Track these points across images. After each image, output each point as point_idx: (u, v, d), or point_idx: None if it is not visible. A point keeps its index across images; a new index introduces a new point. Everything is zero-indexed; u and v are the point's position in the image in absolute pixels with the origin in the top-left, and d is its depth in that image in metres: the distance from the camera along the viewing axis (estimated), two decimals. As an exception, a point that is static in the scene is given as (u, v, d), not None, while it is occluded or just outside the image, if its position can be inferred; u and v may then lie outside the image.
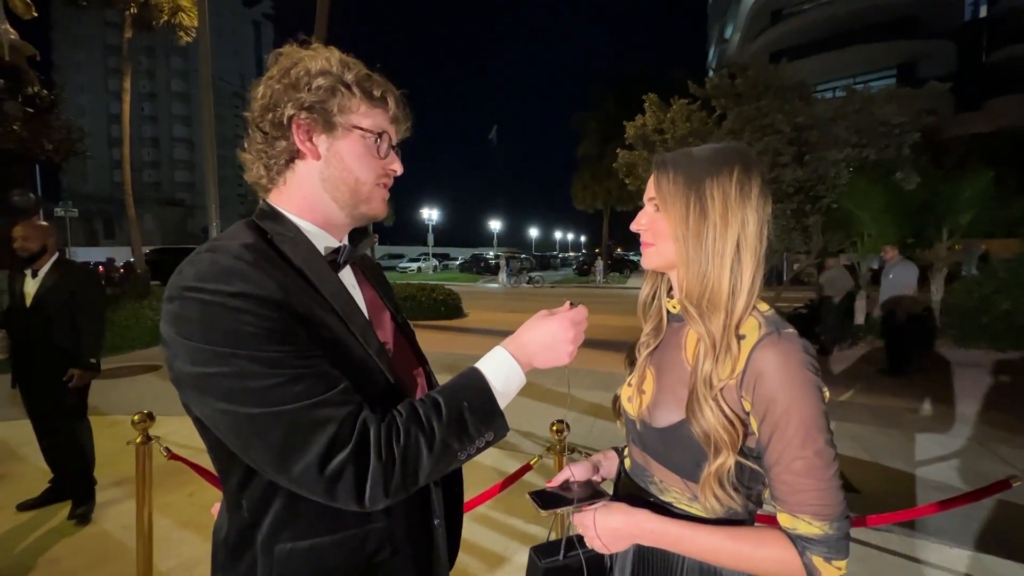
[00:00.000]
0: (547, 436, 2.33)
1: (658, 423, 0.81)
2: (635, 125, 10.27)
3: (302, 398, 0.62)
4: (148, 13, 14.49)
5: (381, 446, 0.63)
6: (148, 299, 9.98)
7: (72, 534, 2.61)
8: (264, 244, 0.72)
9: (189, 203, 66.40)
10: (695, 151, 0.80)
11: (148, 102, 65.02)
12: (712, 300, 0.76)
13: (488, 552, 2.49)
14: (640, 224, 0.86)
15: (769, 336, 0.72)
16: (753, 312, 0.76)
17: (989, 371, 6.38)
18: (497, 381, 0.74)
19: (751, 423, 0.73)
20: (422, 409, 0.68)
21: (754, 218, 0.75)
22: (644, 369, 0.89)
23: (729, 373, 0.73)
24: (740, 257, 0.75)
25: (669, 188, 0.78)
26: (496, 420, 0.72)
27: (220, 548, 0.77)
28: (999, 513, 2.83)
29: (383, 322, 0.87)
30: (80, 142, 9.46)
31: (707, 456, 0.74)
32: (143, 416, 2.04)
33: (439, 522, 0.83)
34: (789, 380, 0.69)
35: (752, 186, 0.76)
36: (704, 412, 0.73)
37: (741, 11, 30.23)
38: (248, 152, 0.78)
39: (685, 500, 0.80)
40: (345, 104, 0.76)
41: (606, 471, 1.00)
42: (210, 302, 0.62)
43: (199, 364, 0.62)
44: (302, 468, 0.61)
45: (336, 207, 0.79)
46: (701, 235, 0.75)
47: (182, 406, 0.69)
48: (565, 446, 1.99)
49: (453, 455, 0.68)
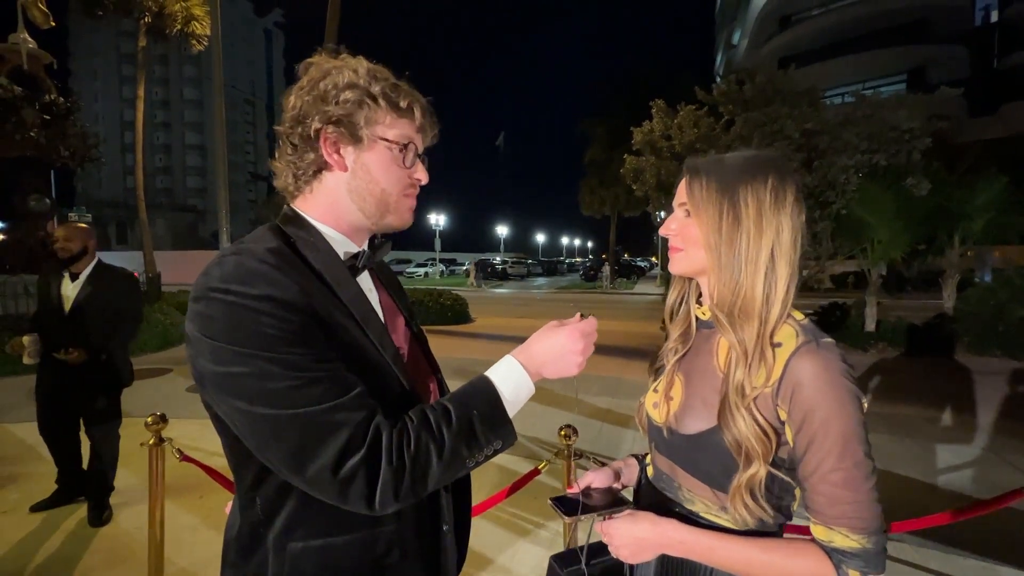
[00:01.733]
0: (554, 441, 2.32)
1: (687, 430, 0.79)
2: (642, 131, 10.29)
3: (318, 401, 0.63)
4: (162, 22, 14.75)
5: (392, 452, 0.64)
6: (159, 303, 10.09)
7: (85, 534, 2.64)
8: (287, 248, 0.74)
9: (200, 208, 67.21)
10: (727, 158, 0.80)
11: (161, 109, 66.08)
12: (745, 308, 0.75)
13: (495, 555, 2.48)
14: (670, 229, 0.84)
15: (807, 345, 0.71)
16: (788, 320, 0.75)
17: (1005, 380, 6.27)
18: (506, 390, 0.74)
19: (785, 433, 0.72)
20: (433, 416, 0.69)
21: (789, 225, 0.74)
22: (672, 376, 0.87)
23: (764, 381, 0.72)
24: (775, 265, 0.74)
25: (702, 194, 0.77)
26: (505, 428, 0.73)
27: (231, 545, 0.78)
28: (1014, 523, 2.78)
29: (397, 328, 0.89)
30: (95, 148, 9.62)
31: (737, 465, 0.72)
32: (156, 418, 2.06)
33: (448, 528, 0.83)
34: (828, 390, 0.67)
35: (787, 194, 0.75)
36: (736, 420, 0.71)
37: (749, 17, 30.22)
38: (279, 161, 0.81)
39: (713, 510, 0.78)
40: (372, 116, 0.77)
41: (626, 479, 0.98)
42: (234, 303, 0.64)
43: (221, 363, 0.64)
44: (316, 470, 0.63)
45: (362, 216, 0.80)
46: (734, 242, 0.74)
47: (195, 409, 0.71)
48: (573, 451, 1.99)
49: (462, 462, 0.69)
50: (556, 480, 3.13)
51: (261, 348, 0.63)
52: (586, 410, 4.91)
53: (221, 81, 6.25)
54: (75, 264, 2.72)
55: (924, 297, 12.11)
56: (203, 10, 14.50)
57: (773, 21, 27.44)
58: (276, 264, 0.68)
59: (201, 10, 14.64)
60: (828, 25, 24.79)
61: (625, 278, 32.59)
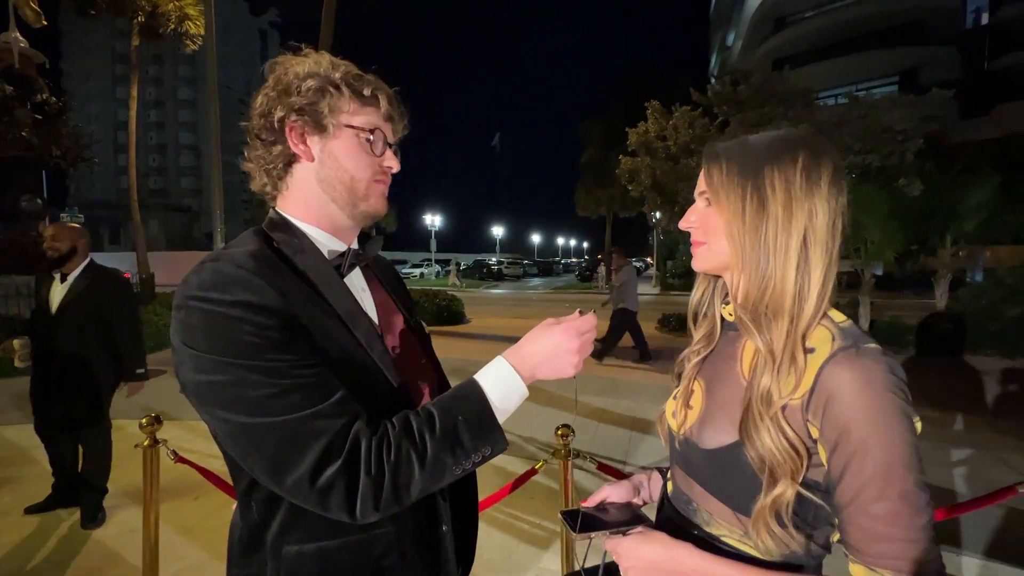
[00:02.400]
0: (551, 441, 2.32)
1: (706, 444, 0.71)
2: (637, 132, 10.33)
3: (297, 409, 0.62)
4: (155, 22, 14.68)
5: (372, 461, 0.63)
6: (153, 304, 10.02)
7: (79, 538, 2.62)
8: (269, 251, 0.74)
9: (195, 209, 66.82)
10: (751, 139, 0.72)
11: (155, 109, 65.66)
12: (774, 304, 0.66)
13: (492, 556, 2.48)
14: (689, 221, 0.77)
15: (845, 351, 0.61)
16: (824, 321, 0.66)
17: (997, 378, 6.33)
18: (495, 394, 0.71)
19: (819, 452, 0.63)
20: (416, 422, 0.67)
21: (824, 209, 0.66)
22: (692, 382, 0.80)
23: (792, 389, 0.63)
24: (807, 254, 0.65)
25: (722, 179, 0.70)
26: (493, 435, 0.70)
27: (235, 546, 0.79)
28: (1008, 520, 2.80)
29: (394, 326, 0.88)
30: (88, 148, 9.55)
31: (760, 484, 0.64)
32: (151, 419, 2.05)
33: (447, 529, 0.82)
34: (869, 404, 0.58)
35: (821, 173, 0.66)
36: (760, 434, 0.63)
37: (743, 19, 30.36)
38: (250, 161, 0.80)
39: (736, 535, 0.69)
40: (335, 104, 0.76)
41: (648, 494, 0.91)
42: (211, 311, 0.64)
43: (201, 372, 0.64)
44: (294, 480, 0.62)
45: (336, 207, 0.80)
46: (759, 230, 0.66)
47: (190, 411, 0.71)
48: (570, 450, 1.99)
49: (446, 469, 0.67)
50: (553, 481, 3.13)
51: (239, 356, 0.62)
52: (582, 410, 4.92)
53: (216, 81, 6.22)
54: (65, 265, 2.65)
55: (917, 297, 12.21)
56: (197, 9, 14.44)
57: (767, 23, 27.56)
58: (254, 269, 0.68)
59: (195, 9, 14.58)
60: (822, 27, 24.93)
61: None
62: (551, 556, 2.48)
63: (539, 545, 2.60)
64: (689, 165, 9.16)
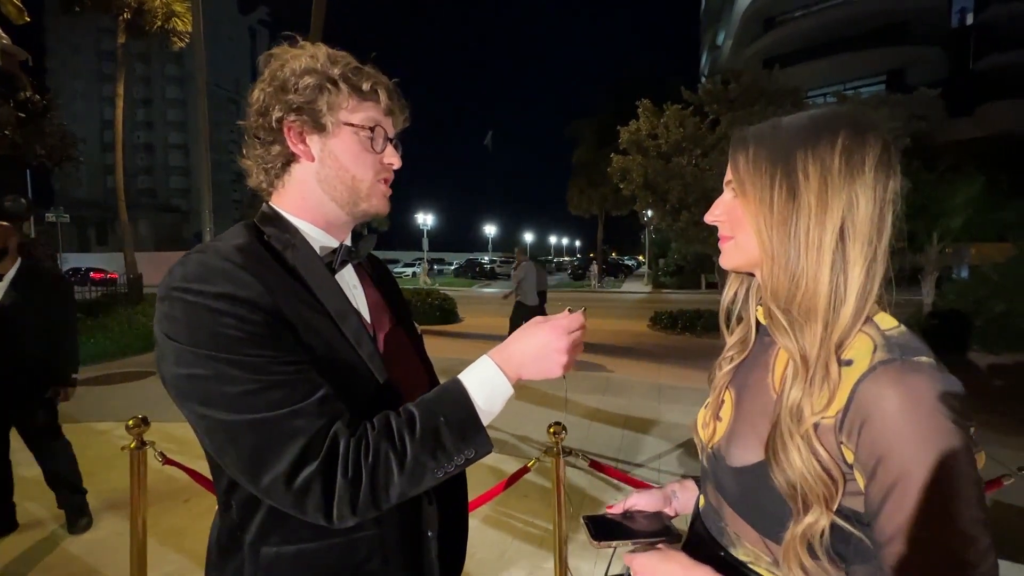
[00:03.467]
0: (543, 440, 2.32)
1: (733, 461, 0.64)
2: (629, 130, 10.34)
3: (276, 407, 0.61)
4: (142, 19, 14.45)
5: (349, 463, 0.61)
6: (141, 304, 9.91)
7: (65, 543, 2.58)
8: (258, 245, 0.72)
9: (184, 209, 66.11)
10: (785, 120, 0.64)
11: (143, 108, 64.85)
12: (806, 305, 0.58)
13: (485, 555, 2.48)
14: (715, 214, 0.70)
15: (888, 365, 0.52)
16: (867, 327, 0.57)
17: (983, 374, 6.43)
18: (480, 395, 0.69)
19: (856, 479, 0.55)
20: (396, 423, 0.65)
21: (868, 197, 0.58)
22: (722, 391, 0.73)
23: (824, 406, 0.55)
24: (844, 249, 0.58)
25: (748, 167, 0.63)
26: (477, 437, 0.68)
27: (213, 548, 0.77)
28: (999, 514, 2.84)
29: (385, 325, 0.86)
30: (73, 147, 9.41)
31: (793, 511, 0.56)
32: (138, 421, 2.02)
33: (432, 535, 0.80)
34: (914, 428, 0.49)
35: (866, 156, 0.58)
36: (790, 454, 0.55)
37: (733, 18, 30.54)
38: (248, 159, 0.79)
39: (763, 565, 0.62)
40: (334, 101, 0.74)
41: (681, 505, 0.83)
42: (193, 303, 0.63)
43: (181, 365, 0.62)
44: (271, 479, 0.60)
45: (336, 207, 0.78)
46: (789, 222, 0.59)
47: (178, 412, 0.69)
48: (562, 448, 1.99)
49: (427, 472, 0.65)
50: (546, 479, 3.13)
51: (220, 349, 0.61)
52: (575, 409, 4.92)
53: (205, 80, 6.15)
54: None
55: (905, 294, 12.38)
56: (184, 6, 14.25)
57: (757, 22, 27.75)
58: (240, 262, 0.66)
59: (182, 6, 14.38)
60: (810, 27, 25.15)
61: (612, 277, 32.77)
62: (544, 554, 2.48)
63: (532, 543, 2.60)
64: (680, 163, 9.19)
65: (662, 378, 6.28)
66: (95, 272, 22.85)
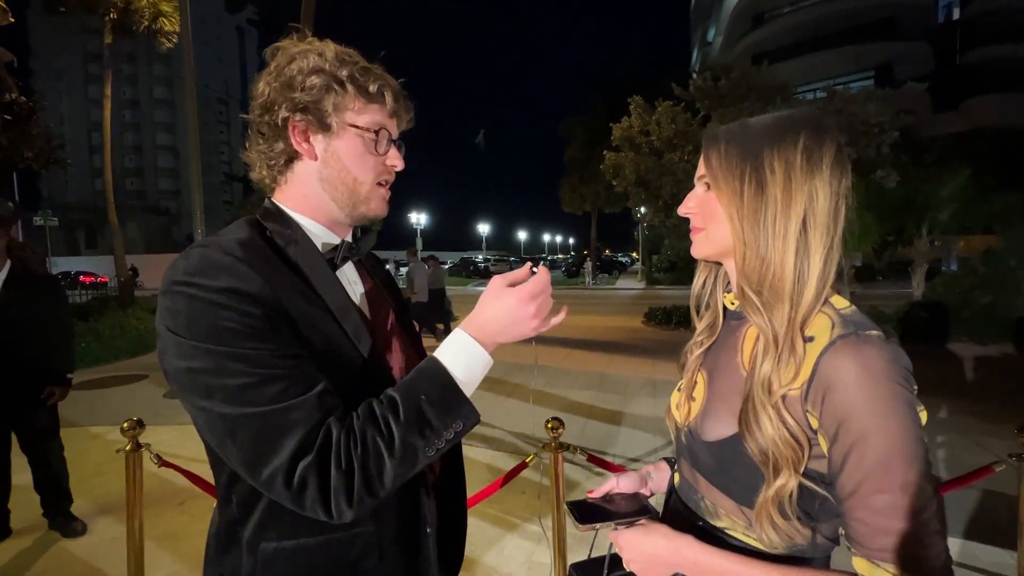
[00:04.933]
0: (540, 436, 2.34)
1: (708, 436, 0.70)
2: (621, 127, 10.37)
3: (275, 400, 0.61)
4: (128, 18, 14.27)
5: (341, 455, 0.61)
6: (132, 308, 9.82)
7: (61, 547, 2.56)
8: (260, 240, 0.72)
9: (174, 211, 65.51)
10: (753, 121, 0.70)
11: (130, 109, 64.13)
12: (775, 287, 0.65)
13: (482, 552, 2.49)
14: (688, 207, 0.76)
15: (844, 338, 0.59)
16: (825, 308, 0.64)
17: (971, 364, 6.52)
18: (457, 367, 0.69)
19: (820, 443, 0.61)
20: (379, 410, 0.65)
21: (825, 192, 0.64)
22: (695, 372, 0.79)
23: (791, 378, 0.62)
24: (807, 238, 0.64)
25: (720, 163, 0.69)
26: (462, 408, 0.68)
27: (211, 542, 0.77)
28: (984, 502, 2.89)
29: (384, 321, 0.87)
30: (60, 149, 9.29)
31: (764, 478, 0.62)
32: (133, 423, 2.01)
33: (431, 531, 0.80)
34: (868, 394, 0.56)
35: (823, 154, 0.65)
36: (762, 423, 0.61)
37: (723, 15, 30.68)
38: (251, 152, 0.79)
39: (740, 528, 0.68)
40: (340, 102, 0.74)
41: (656, 484, 0.90)
42: (195, 296, 0.63)
43: (183, 358, 0.63)
44: (270, 474, 0.61)
45: (336, 207, 0.78)
46: (759, 212, 0.65)
47: (172, 415, 0.69)
48: (559, 443, 2.00)
49: (418, 452, 0.65)
50: (543, 476, 3.15)
51: (220, 343, 0.62)
52: (570, 406, 4.94)
53: (193, 80, 6.10)
54: None
55: (894, 286, 12.51)
56: (171, 6, 14.07)
57: (746, 19, 27.88)
58: (242, 256, 0.67)
59: (169, 6, 14.20)
60: (799, 23, 25.30)
61: (607, 274, 32.84)
62: (542, 549, 2.50)
63: (530, 539, 2.61)
64: (672, 159, 9.23)
65: (657, 373, 6.31)
66: (85, 275, 22.59)
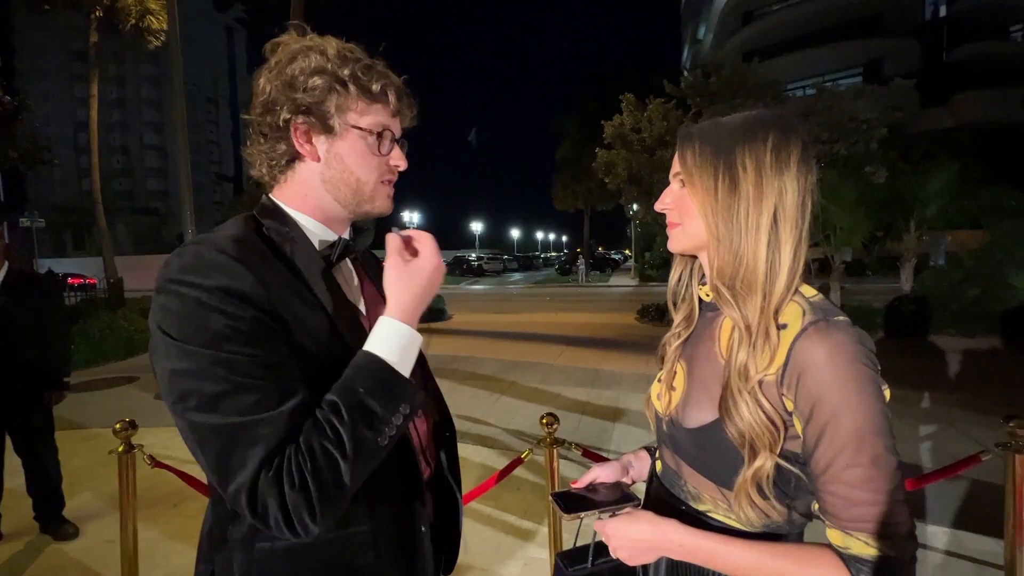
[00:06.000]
0: (534, 433, 2.35)
1: (689, 423, 0.73)
2: (613, 125, 10.39)
3: (246, 412, 0.60)
4: (115, 17, 14.08)
5: (293, 472, 0.60)
6: (122, 309, 9.71)
7: (53, 550, 2.54)
8: (256, 238, 0.72)
9: (162, 211, 64.80)
10: (724, 120, 0.73)
11: (117, 109, 63.29)
12: (747, 280, 0.68)
13: (477, 549, 2.49)
14: (664, 203, 0.78)
15: (815, 324, 0.63)
16: (796, 297, 0.68)
17: (959, 357, 6.61)
18: (392, 355, 0.68)
19: (794, 424, 0.65)
20: (321, 415, 0.64)
21: (793, 187, 0.68)
22: (674, 363, 0.81)
23: (767, 364, 0.65)
24: (778, 231, 0.67)
25: (695, 160, 0.71)
26: (403, 390, 0.68)
27: (204, 540, 0.77)
28: (972, 491, 2.94)
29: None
30: (46, 150, 9.16)
31: (743, 460, 0.66)
32: (125, 424, 1.99)
33: (426, 529, 0.80)
34: (839, 376, 0.60)
35: (791, 152, 0.68)
36: (740, 408, 0.65)
37: (713, 13, 30.79)
38: (252, 149, 0.78)
39: (722, 510, 0.72)
40: (343, 103, 0.74)
41: (637, 473, 0.92)
42: (187, 295, 0.63)
43: (170, 359, 0.62)
44: (235, 489, 0.59)
45: (339, 206, 0.78)
46: (732, 208, 0.68)
47: (164, 417, 0.69)
48: (554, 439, 2.01)
49: (371, 444, 0.64)
50: (538, 473, 3.16)
51: (204, 344, 0.61)
52: (564, 403, 4.96)
53: (181, 79, 6.03)
54: None
55: (884, 281, 12.65)
56: (159, 4, 13.90)
57: (736, 16, 28.01)
58: (236, 254, 0.66)
59: (156, 4, 14.03)
60: (788, 20, 25.47)
61: (599, 271, 32.92)
62: (538, 546, 2.51)
63: (526, 536, 2.63)
64: (664, 157, 9.25)
65: (651, 369, 6.29)
66: (73, 277, 22.30)
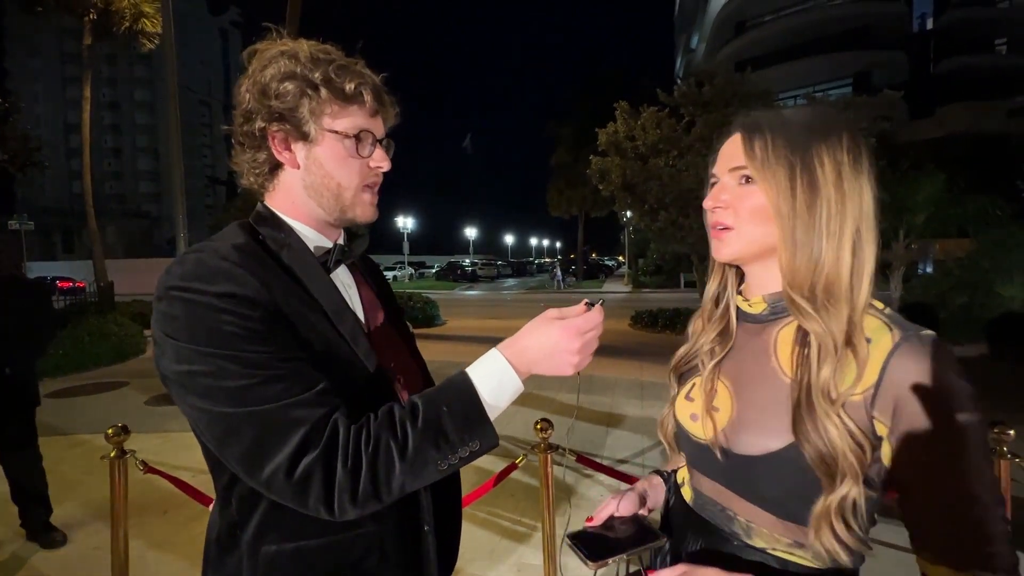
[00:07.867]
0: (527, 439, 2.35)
1: (746, 449, 0.64)
2: (607, 132, 10.45)
3: (277, 399, 0.61)
4: (109, 19, 14.02)
5: (349, 452, 0.61)
6: (112, 313, 9.60)
7: (41, 558, 2.50)
8: (255, 245, 0.73)
9: (155, 215, 64.24)
10: (788, 113, 0.67)
11: (109, 111, 62.85)
12: (830, 291, 0.62)
13: (472, 555, 2.49)
14: (720, 200, 0.69)
15: (908, 342, 0.58)
16: (870, 309, 0.63)
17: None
18: (486, 387, 0.68)
19: (883, 449, 0.59)
20: (398, 413, 0.65)
21: (869, 191, 0.63)
22: (712, 383, 0.72)
23: (853, 382, 0.59)
24: (861, 238, 0.62)
25: (767, 154, 0.64)
26: (482, 428, 0.67)
27: (211, 546, 0.77)
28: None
29: (378, 322, 0.87)
30: (37, 152, 9.09)
31: (818, 487, 0.59)
32: (117, 429, 1.98)
33: (429, 530, 0.81)
34: (946, 397, 0.55)
35: (864, 156, 0.63)
36: (828, 432, 0.57)
37: (706, 22, 31.15)
38: (236, 160, 0.79)
39: (782, 545, 0.64)
40: (317, 108, 0.72)
41: (653, 501, 0.84)
42: (193, 301, 0.63)
43: (182, 362, 0.63)
44: (271, 470, 0.61)
45: (324, 212, 0.78)
46: (814, 210, 0.62)
47: (155, 422, 0.70)
48: (548, 445, 2.02)
49: (430, 463, 0.64)
50: (533, 478, 3.16)
51: (220, 346, 0.62)
52: (557, 407, 4.96)
53: (175, 82, 6.02)
54: None
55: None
56: (153, 7, 13.86)
57: (729, 26, 28.36)
58: (238, 261, 0.67)
59: (151, 7, 13.99)
60: (780, 31, 25.83)
61: (593, 278, 33.03)
62: (532, 552, 2.51)
63: (520, 541, 2.62)
64: (657, 164, 9.33)
65: (644, 375, 6.37)
66: (62, 281, 22.06)
